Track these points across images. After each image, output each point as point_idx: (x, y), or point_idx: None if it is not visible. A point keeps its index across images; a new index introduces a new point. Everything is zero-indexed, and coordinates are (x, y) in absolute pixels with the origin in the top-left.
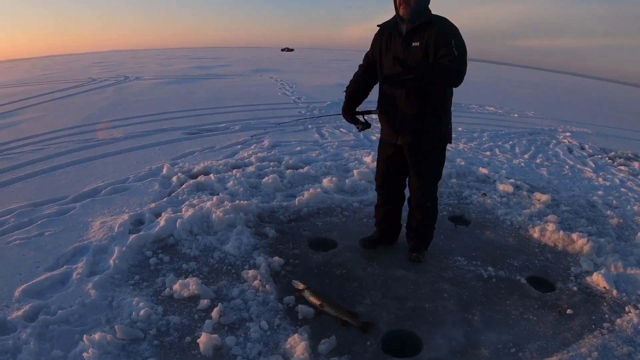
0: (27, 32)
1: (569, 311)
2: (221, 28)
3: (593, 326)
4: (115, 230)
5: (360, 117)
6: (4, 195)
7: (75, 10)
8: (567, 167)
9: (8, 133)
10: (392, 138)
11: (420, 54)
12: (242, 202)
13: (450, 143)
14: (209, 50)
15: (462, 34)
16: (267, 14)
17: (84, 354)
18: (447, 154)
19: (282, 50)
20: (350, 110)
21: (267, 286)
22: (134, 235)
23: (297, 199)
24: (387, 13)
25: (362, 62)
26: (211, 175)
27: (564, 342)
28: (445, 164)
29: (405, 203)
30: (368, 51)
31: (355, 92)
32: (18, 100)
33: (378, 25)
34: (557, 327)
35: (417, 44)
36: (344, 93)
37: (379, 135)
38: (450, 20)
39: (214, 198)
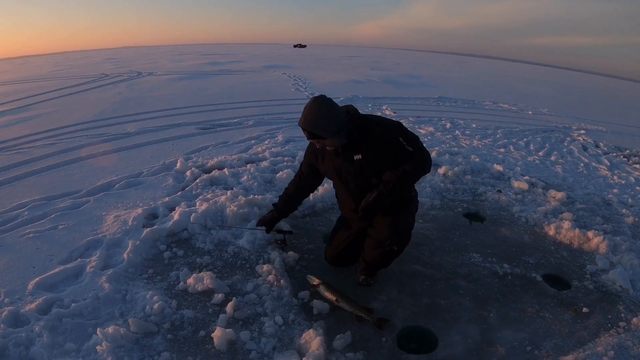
0: (39, 29)
1: (585, 309)
2: (233, 24)
3: (609, 325)
4: (129, 224)
5: (281, 235)
6: (17, 189)
7: (87, 7)
8: (581, 164)
9: (21, 128)
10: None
11: (366, 167)
12: (256, 196)
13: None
14: (221, 46)
15: (404, 124)
16: (280, 10)
17: (97, 347)
18: (462, 150)
19: (295, 46)
20: (273, 226)
21: (281, 281)
22: (148, 229)
23: (311, 194)
24: (400, 10)
25: (300, 171)
26: (225, 169)
27: (580, 341)
28: (460, 160)
29: None
30: (303, 164)
31: (285, 209)
32: (31, 96)
33: (309, 139)
34: (573, 326)
35: (360, 156)
36: (273, 206)
37: None
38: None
39: (228, 192)
